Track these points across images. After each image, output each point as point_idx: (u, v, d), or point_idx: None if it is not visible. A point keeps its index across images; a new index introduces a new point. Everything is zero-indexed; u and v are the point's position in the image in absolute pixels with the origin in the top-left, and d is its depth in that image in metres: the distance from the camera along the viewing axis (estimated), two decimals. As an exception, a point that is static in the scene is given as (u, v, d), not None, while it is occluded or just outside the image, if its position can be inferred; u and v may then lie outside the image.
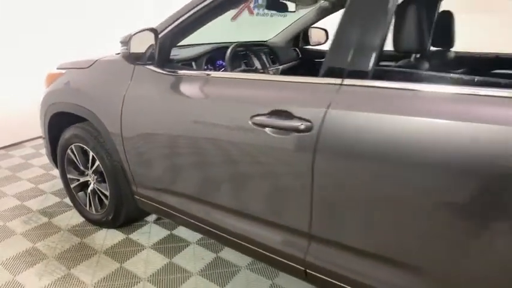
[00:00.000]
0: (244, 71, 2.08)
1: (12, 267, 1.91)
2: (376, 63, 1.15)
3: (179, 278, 1.86)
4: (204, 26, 1.65)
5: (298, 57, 2.94)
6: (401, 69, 1.18)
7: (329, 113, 1.16)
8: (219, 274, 1.89)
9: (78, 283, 1.80)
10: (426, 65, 1.47)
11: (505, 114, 0.92)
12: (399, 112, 1.06)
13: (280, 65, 2.66)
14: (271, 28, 3.04)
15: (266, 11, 4.89)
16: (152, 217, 2.39)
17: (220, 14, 1.62)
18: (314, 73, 1.26)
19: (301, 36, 2.93)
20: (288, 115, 1.24)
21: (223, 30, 2.94)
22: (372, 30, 1.14)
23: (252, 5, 4.75)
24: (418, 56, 1.52)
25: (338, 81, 1.18)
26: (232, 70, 1.99)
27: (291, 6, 2.45)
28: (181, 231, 2.25)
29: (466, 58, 2.11)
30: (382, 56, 1.17)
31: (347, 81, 1.17)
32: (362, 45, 1.16)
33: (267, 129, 1.28)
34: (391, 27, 1.35)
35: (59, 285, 1.79)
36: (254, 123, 1.31)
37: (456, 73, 1.21)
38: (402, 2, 1.35)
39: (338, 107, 1.15)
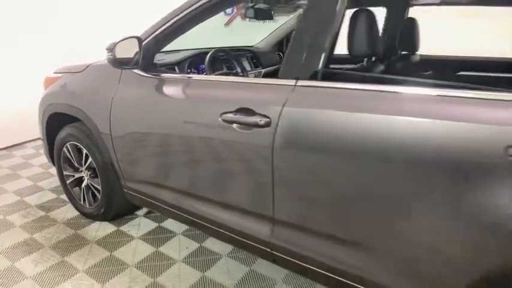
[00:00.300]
0: (223, 74, 2.25)
1: (11, 255, 2.08)
2: (325, 66, 1.31)
3: (164, 265, 2.02)
4: (200, 32, 1.81)
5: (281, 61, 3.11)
6: (345, 71, 1.34)
7: (285, 110, 1.33)
8: (201, 261, 2.04)
9: (71, 269, 1.97)
10: (380, 67, 1.64)
11: (422, 110, 1.09)
12: (342, 109, 1.22)
13: (263, 68, 2.83)
14: (262, 33, 3.21)
15: (258, 16, 5.08)
16: (142, 211, 2.56)
17: (198, 23, 1.79)
18: None
19: (284, 42, 3.10)
20: (251, 112, 1.40)
21: (217, 35, 3.11)
22: (320, 38, 1.31)
23: (243, 12, 4.94)
24: (373, 59, 1.68)
25: (293, 82, 1.35)
26: (211, 73, 2.17)
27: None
28: (169, 224, 2.41)
29: (430, 61, 2.27)
30: (349, 59, 1.33)
31: (300, 83, 1.34)
32: (312, 51, 1.32)
33: (234, 125, 1.45)
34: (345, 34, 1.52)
35: (53, 270, 1.96)
36: (223, 120, 1.48)
37: (416, 75, 1.35)
38: (353, 13, 1.52)
39: (292, 104, 1.32)
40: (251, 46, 3.06)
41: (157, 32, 1.80)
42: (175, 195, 1.84)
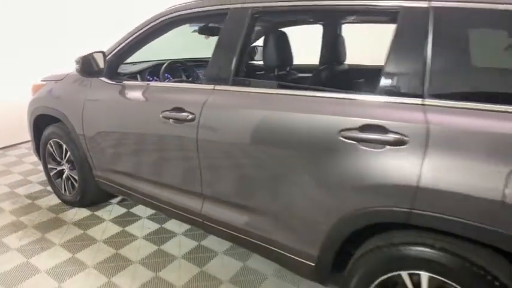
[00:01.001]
0: (177, 81, 2.66)
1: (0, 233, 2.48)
2: (235, 74, 1.72)
3: (127, 241, 2.41)
4: (184, 43, 2.20)
5: None
6: (249, 79, 1.74)
7: (205, 107, 1.74)
8: (159, 238, 2.44)
9: (49, 243, 2.37)
10: (292, 76, 2.05)
11: (293, 106, 1.50)
12: (245, 106, 1.63)
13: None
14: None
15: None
16: (116, 200, 2.95)
17: (153, 40, 2.22)
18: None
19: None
20: (182, 110, 1.81)
21: (198, 46, 3.45)
22: (230, 55, 1.73)
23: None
24: (287, 69, 2.10)
25: (212, 86, 1.76)
26: (165, 80, 2.59)
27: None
28: (137, 210, 2.81)
29: (354, 70, 2.67)
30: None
31: (217, 87, 1.75)
32: (225, 64, 1.74)
33: (171, 120, 1.86)
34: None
35: (33, 244, 2.35)
36: (163, 117, 1.89)
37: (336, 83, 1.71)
38: (265, 35, 1.94)
39: (210, 103, 1.73)
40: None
41: (118, 47, 2.23)
42: (132, 180, 2.25)
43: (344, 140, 1.35)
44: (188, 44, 3.45)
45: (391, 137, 1.27)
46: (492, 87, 1.26)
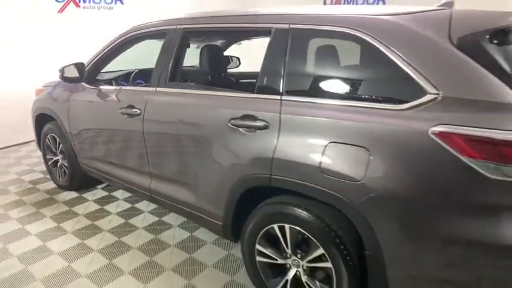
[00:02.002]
0: (143, 86, 3.21)
1: (4, 208, 3.08)
2: (171, 78, 2.24)
3: (103, 216, 2.95)
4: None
5: None
6: (180, 83, 2.26)
7: (147, 104, 2.26)
8: (128, 215, 2.97)
9: (41, 215, 2.95)
10: (210, 79, 2.58)
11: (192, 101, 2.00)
12: (173, 102, 2.14)
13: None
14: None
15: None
16: (102, 185, 3.52)
17: (124, 52, 2.77)
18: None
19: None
20: (132, 107, 2.35)
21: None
22: (166, 63, 2.24)
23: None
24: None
25: (154, 88, 2.29)
26: (136, 85, 3.13)
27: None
28: (117, 193, 3.36)
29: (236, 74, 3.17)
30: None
31: (158, 89, 2.27)
32: (163, 71, 2.26)
33: (125, 116, 2.40)
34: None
35: (29, 216, 2.94)
36: (121, 113, 2.43)
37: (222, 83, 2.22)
38: (201, 47, 2.46)
39: (152, 101, 2.26)
40: (193, 66, 4.02)
41: (96, 58, 2.80)
42: (103, 164, 2.81)
43: (232, 126, 1.84)
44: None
45: (259, 123, 1.74)
46: (320, 86, 1.72)
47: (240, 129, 1.81)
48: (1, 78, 4.63)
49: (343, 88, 1.66)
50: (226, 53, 3.76)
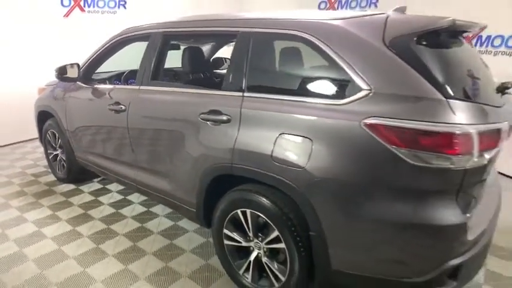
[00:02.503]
0: (122, 84, 3.41)
1: (6, 198, 3.33)
2: (153, 78, 2.43)
3: (96, 206, 3.17)
4: None
5: None
6: (161, 81, 2.45)
7: (131, 102, 2.47)
8: (119, 205, 3.18)
9: (39, 205, 3.18)
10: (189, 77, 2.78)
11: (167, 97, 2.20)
12: (155, 98, 2.34)
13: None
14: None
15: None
16: (98, 178, 3.74)
17: (112, 55, 2.99)
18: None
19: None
20: (118, 103, 2.56)
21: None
22: (148, 63, 2.44)
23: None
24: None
25: (138, 87, 2.49)
26: (128, 84, 3.35)
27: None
28: (112, 186, 3.58)
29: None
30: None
31: (141, 87, 2.48)
32: (145, 71, 2.46)
33: (112, 111, 2.61)
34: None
35: (29, 205, 3.18)
36: (109, 109, 2.64)
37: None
38: (184, 49, 2.65)
39: (135, 99, 2.46)
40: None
41: (90, 59, 3.03)
42: (94, 157, 3.03)
43: (201, 120, 2.02)
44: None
45: (223, 117, 1.92)
46: (274, 84, 1.89)
47: (207, 122, 2.00)
48: (10, 78, 4.91)
49: (293, 85, 1.83)
50: (220, 54, 3.98)
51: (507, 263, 2.42)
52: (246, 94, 1.89)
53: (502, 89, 1.80)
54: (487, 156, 1.44)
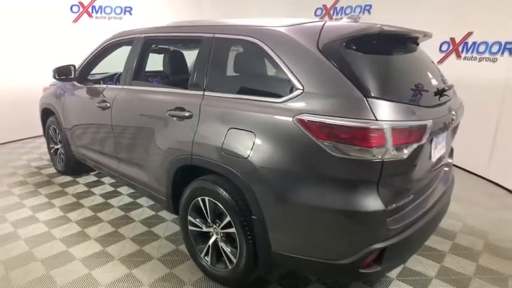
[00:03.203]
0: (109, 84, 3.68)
1: (10, 186, 3.65)
2: (133, 78, 2.68)
3: (88, 196, 3.45)
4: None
5: None
6: (138, 81, 2.69)
7: (115, 100, 2.72)
8: (109, 196, 3.44)
9: (38, 193, 3.48)
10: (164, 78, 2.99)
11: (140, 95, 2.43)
12: (135, 96, 2.59)
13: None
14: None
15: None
16: (94, 172, 4.02)
17: (107, 56, 3.26)
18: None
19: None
20: (104, 101, 2.82)
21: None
22: (131, 65, 2.69)
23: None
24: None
25: (121, 86, 2.75)
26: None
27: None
28: (106, 179, 3.85)
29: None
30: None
31: (124, 86, 2.73)
32: (128, 72, 2.71)
33: (100, 108, 2.87)
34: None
35: (28, 193, 3.49)
36: (97, 106, 2.90)
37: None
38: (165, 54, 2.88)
39: (118, 96, 2.71)
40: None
41: (85, 61, 3.31)
42: (86, 150, 3.30)
43: (168, 116, 2.24)
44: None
45: (186, 113, 2.13)
46: (227, 83, 2.09)
47: (174, 118, 2.22)
48: (24, 78, 5.29)
49: (243, 85, 2.02)
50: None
51: (465, 260, 2.53)
52: (206, 93, 2.10)
53: (439, 92, 1.94)
54: (406, 151, 1.59)
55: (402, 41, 2.08)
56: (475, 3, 4.07)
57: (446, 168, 2.50)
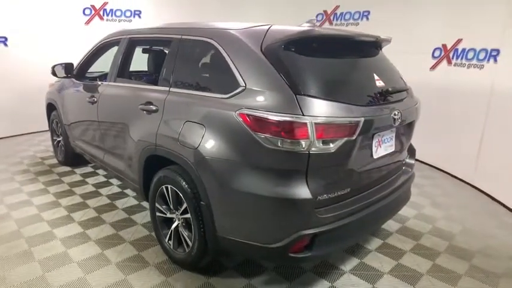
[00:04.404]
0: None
1: (13, 173, 3.98)
2: (118, 75, 2.91)
3: (82, 185, 3.71)
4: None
5: None
6: (120, 78, 2.92)
7: (101, 95, 2.97)
8: (101, 186, 3.69)
9: (37, 180, 3.79)
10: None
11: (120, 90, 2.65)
12: (115, 92, 2.82)
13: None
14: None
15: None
16: (92, 164, 4.30)
17: (100, 56, 3.53)
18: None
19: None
20: (93, 96, 3.07)
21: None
22: (116, 63, 2.93)
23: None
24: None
25: (108, 82, 2.99)
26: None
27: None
28: (101, 171, 4.11)
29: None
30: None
31: (110, 83, 2.97)
32: (112, 69, 2.95)
33: (89, 103, 3.12)
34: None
35: (28, 181, 3.79)
36: (87, 101, 3.16)
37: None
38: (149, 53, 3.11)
39: (104, 92, 2.96)
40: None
41: (83, 59, 3.59)
42: (79, 142, 3.57)
43: (140, 110, 2.45)
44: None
45: (154, 107, 2.34)
46: (186, 80, 2.26)
47: (144, 112, 2.42)
48: (38, 76, 5.68)
49: (200, 82, 2.20)
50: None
51: (420, 258, 2.60)
52: (171, 89, 2.30)
53: (383, 93, 2.05)
54: (332, 145, 1.72)
55: (356, 45, 2.21)
56: (465, 10, 4.10)
57: (407, 168, 2.59)
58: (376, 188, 2.18)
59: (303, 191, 1.73)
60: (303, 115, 1.66)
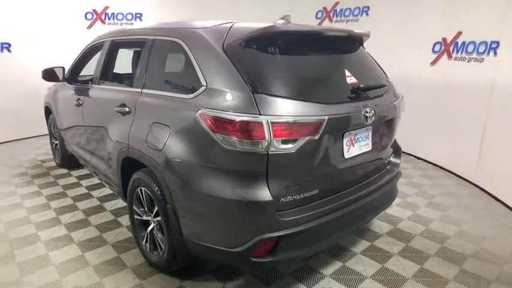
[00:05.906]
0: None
1: (11, 176, 4.06)
2: (100, 78, 2.92)
3: (75, 187, 3.75)
4: None
5: None
6: (107, 81, 2.93)
7: (85, 97, 2.98)
8: (93, 188, 3.72)
9: (32, 183, 3.85)
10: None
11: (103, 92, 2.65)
12: (101, 92, 2.83)
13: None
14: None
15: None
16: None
17: (89, 59, 3.55)
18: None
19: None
20: (79, 99, 3.09)
21: None
22: (100, 64, 2.94)
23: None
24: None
25: (92, 85, 3.00)
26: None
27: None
28: (96, 173, 4.16)
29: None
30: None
31: (93, 86, 2.98)
32: (98, 70, 2.96)
33: (76, 106, 3.15)
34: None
35: (25, 183, 3.86)
36: (74, 104, 3.19)
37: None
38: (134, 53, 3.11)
39: (87, 95, 2.97)
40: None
41: (74, 63, 3.63)
42: (74, 145, 3.61)
43: (116, 112, 2.44)
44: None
45: (127, 109, 2.32)
46: (154, 80, 2.23)
47: (119, 113, 2.41)
48: (40, 81, 5.80)
49: (169, 82, 2.16)
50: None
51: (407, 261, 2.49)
52: (143, 90, 2.27)
53: (356, 90, 1.96)
54: (292, 145, 1.65)
55: (328, 41, 2.12)
56: (464, 1, 3.92)
57: (392, 167, 2.48)
58: (352, 188, 2.09)
59: (263, 193, 1.67)
60: (260, 114, 1.60)
